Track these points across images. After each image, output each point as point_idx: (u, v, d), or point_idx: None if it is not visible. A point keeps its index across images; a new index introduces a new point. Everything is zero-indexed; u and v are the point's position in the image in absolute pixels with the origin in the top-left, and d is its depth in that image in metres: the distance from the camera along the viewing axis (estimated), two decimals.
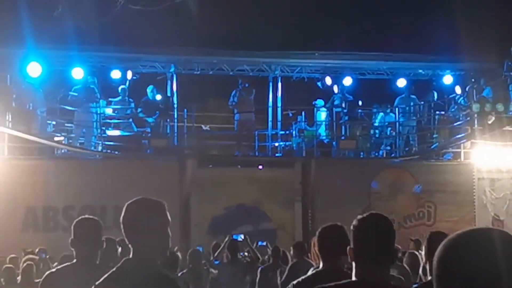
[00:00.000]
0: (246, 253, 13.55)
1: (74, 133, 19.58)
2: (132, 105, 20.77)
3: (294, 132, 20.91)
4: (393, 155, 20.88)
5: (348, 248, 3.63)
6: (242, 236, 14.08)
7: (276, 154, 20.93)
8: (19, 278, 11.43)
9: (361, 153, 20.96)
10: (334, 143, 20.36)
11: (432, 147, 20.93)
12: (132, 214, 4.11)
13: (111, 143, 19.67)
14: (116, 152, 19.45)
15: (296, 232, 18.93)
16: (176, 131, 20.30)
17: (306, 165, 19.46)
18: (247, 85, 20.35)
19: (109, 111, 20.71)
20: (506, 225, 19.06)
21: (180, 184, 18.77)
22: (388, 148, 21.24)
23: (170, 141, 19.73)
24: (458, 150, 20.09)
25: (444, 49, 21.43)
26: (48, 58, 19.82)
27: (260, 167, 19.97)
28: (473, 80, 20.26)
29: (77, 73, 20.07)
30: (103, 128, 19.73)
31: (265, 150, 21.16)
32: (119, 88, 20.72)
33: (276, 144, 21.29)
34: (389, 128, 21.20)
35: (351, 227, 3.64)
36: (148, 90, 20.41)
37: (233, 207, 18.96)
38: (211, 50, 21.18)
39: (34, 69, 19.21)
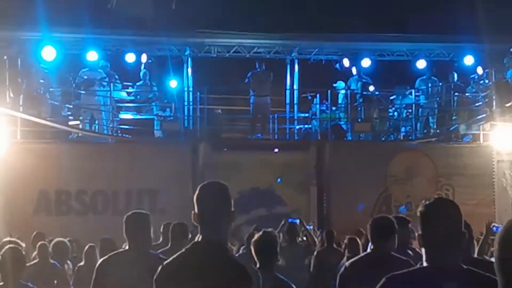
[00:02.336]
0: (304, 237, 13.41)
1: (82, 117, 19.46)
2: (155, 88, 20.73)
3: (311, 115, 20.69)
4: (410, 137, 20.50)
5: (416, 234, 3.64)
6: (298, 220, 13.89)
7: (295, 137, 20.69)
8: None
9: (379, 136, 20.61)
10: (349, 125, 20.07)
11: (451, 129, 20.52)
12: (205, 198, 4.12)
13: (124, 126, 19.61)
14: (128, 136, 19.35)
15: (311, 216, 18.69)
16: (191, 114, 20.20)
17: (320, 148, 19.21)
18: (264, 68, 20.08)
19: (123, 94, 20.69)
20: None
21: (193, 168, 18.61)
22: (408, 129, 20.83)
23: (181, 124, 19.58)
24: (477, 132, 19.69)
25: (465, 29, 20.96)
26: (63, 42, 19.81)
27: (276, 150, 19.80)
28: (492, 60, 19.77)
29: (92, 56, 20.02)
30: (114, 112, 19.64)
31: (283, 133, 20.96)
32: (141, 72, 20.69)
33: (296, 127, 21.06)
34: (405, 111, 20.83)
35: (418, 213, 3.65)
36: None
37: (247, 191, 18.73)
38: (227, 32, 20.95)
39: (49, 53, 19.15)
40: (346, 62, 21.25)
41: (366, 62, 21.08)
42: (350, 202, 18.31)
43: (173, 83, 20.89)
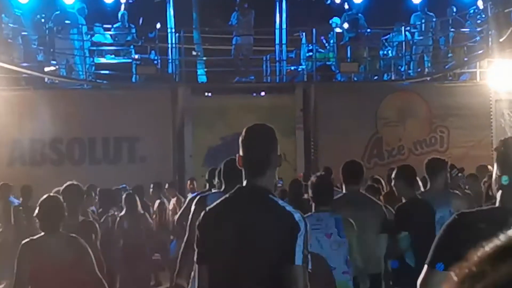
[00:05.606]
0: None
1: (57, 62, 18.64)
2: (134, 30, 19.89)
3: (302, 55, 19.74)
4: (403, 77, 19.55)
5: (494, 175, 3.56)
6: None
7: (283, 80, 19.78)
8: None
9: (370, 76, 19.71)
10: (336, 66, 19.16)
11: (446, 67, 19.55)
12: (251, 141, 4.07)
13: (102, 72, 18.81)
14: (104, 81, 18.61)
15: (298, 162, 18.01)
16: (175, 57, 19.31)
17: (307, 91, 18.42)
18: (246, 5, 19.19)
19: (107, 37, 19.89)
20: None
21: (173, 114, 18.02)
22: (401, 68, 19.86)
23: (158, 68, 18.75)
24: (474, 70, 18.74)
25: None
26: None
27: (263, 93, 19.04)
28: None
29: None
30: (87, 57, 18.81)
31: (273, 76, 20.07)
32: (119, 14, 19.79)
33: (290, 68, 20.13)
34: (395, 48, 19.84)
35: (495, 151, 3.59)
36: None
37: (230, 136, 17.84)
38: None
39: None
40: None
41: None
42: (338, 146, 17.46)
43: (155, 24, 20.00)
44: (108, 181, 15.01)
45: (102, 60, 19.19)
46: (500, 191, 3.48)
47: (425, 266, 3.35)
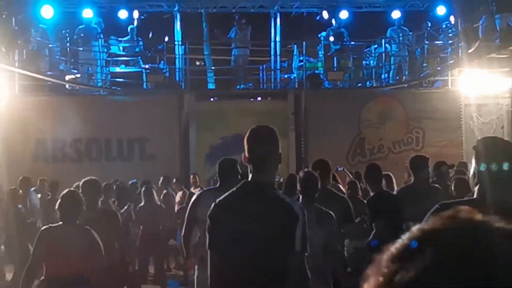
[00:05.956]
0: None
1: (79, 71, 20.83)
2: (141, 43, 21.98)
3: (293, 65, 21.85)
4: (383, 84, 21.63)
5: (472, 171, 3.80)
6: (342, 168, 14.70)
7: (278, 87, 21.87)
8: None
9: (354, 84, 21.79)
10: (324, 74, 21.26)
11: (422, 75, 21.57)
12: (255, 141, 4.38)
13: (116, 79, 20.88)
14: (118, 88, 20.69)
15: (290, 160, 19.82)
16: (181, 66, 21.41)
17: (298, 96, 20.35)
18: (244, 22, 21.30)
19: (121, 48, 21.97)
20: None
21: (179, 117, 19.93)
22: (381, 76, 21.92)
23: (167, 76, 20.89)
24: (446, 78, 20.71)
25: None
26: (60, 1, 21.08)
27: (259, 98, 21.09)
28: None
29: (87, 14, 21.28)
30: (104, 66, 20.90)
31: (269, 82, 22.15)
32: (128, 28, 21.88)
33: (284, 76, 22.17)
34: (376, 59, 21.89)
35: (474, 149, 3.77)
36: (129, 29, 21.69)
37: (229, 137, 19.81)
38: None
39: (47, 11, 20.44)
40: (325, 14, 22.31)
41: (344, 14, 22.15)
42: (326, 145, 19.29)
43: (163, 37, 22.12)
44: (122, 177, 16.94)
45: (117, 69, 21.36)
46: (477, 185, 3.69)
47: None
